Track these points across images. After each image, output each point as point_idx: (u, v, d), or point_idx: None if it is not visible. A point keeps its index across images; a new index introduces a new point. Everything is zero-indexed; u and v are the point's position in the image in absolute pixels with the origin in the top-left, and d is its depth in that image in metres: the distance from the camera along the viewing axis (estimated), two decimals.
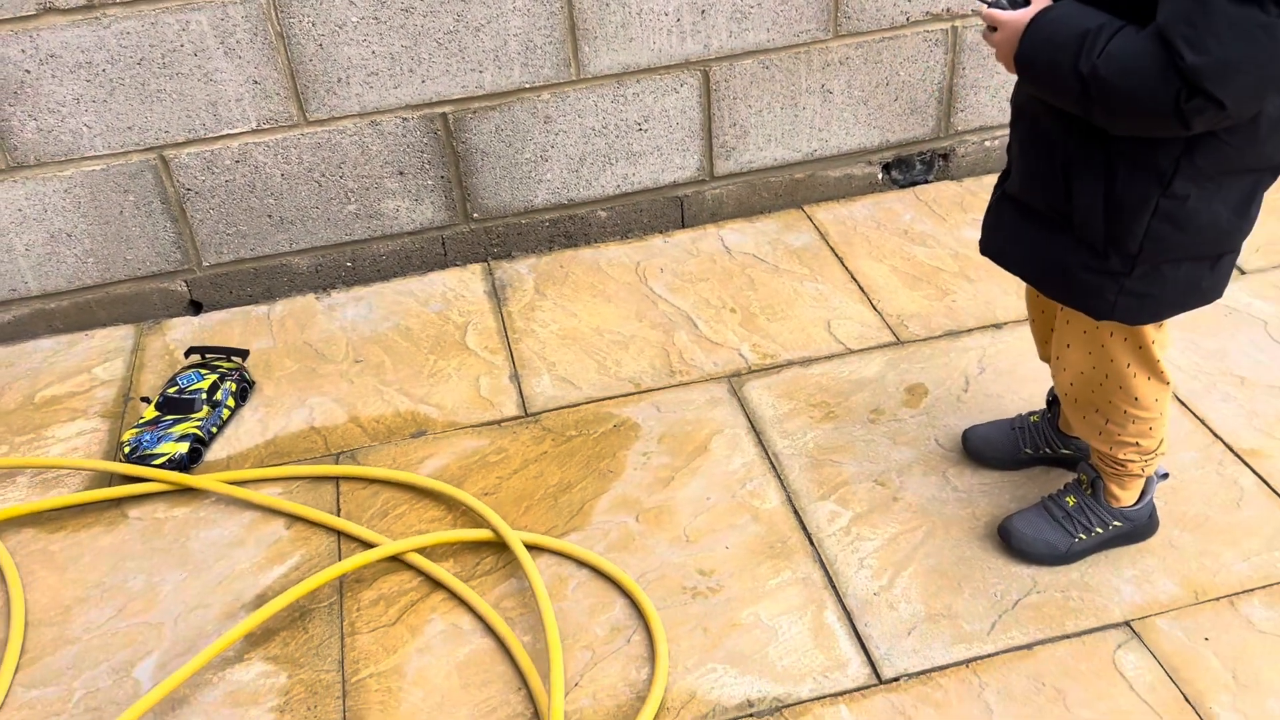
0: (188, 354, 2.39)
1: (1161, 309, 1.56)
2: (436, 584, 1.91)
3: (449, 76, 2.44)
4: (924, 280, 2.54)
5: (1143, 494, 1.82)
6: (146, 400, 2.30)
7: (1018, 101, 1.59)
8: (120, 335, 2.57)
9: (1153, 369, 1.65)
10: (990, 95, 2.77)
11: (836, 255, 2.65)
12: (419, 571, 1.93)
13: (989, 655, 1.71)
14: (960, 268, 2.56)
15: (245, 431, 2.26)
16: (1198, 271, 1.53)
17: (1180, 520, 1.90)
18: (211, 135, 2.40)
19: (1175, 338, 2.30)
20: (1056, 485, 1.90)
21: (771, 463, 2.09)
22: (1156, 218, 1.45)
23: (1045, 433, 1.98)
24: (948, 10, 2.61)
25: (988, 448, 2.03)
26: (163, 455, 2.14)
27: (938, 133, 2.80)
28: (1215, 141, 1.38)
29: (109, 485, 2.14)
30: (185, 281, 2.59)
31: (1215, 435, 2.07)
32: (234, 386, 2.29)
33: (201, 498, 2.11)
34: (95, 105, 2.31)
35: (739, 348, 2.39)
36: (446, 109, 2.48)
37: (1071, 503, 1.83)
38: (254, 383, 2.37)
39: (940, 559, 1.87)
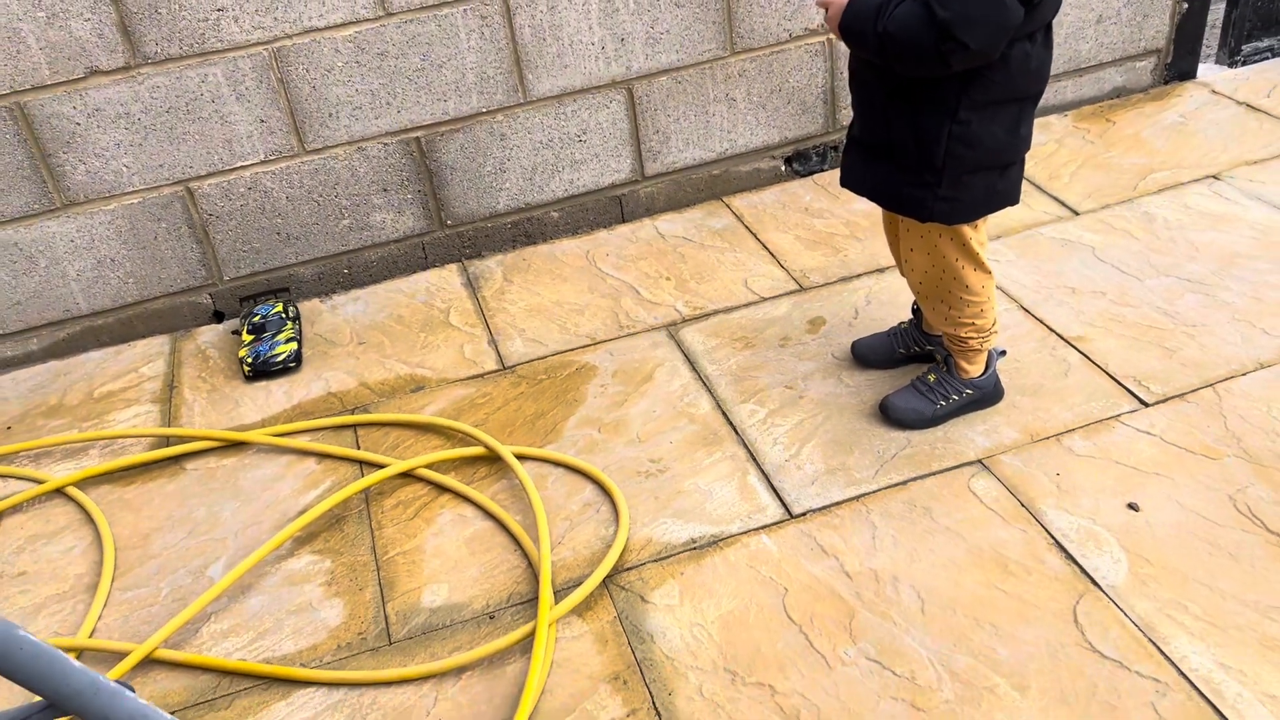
0: (242, 302, 3.04)
1: (969, 210, 2.10)
2: (443, 490, 2.39)
3: (420, 106, 2.98)
4: (822, 243, 3.09)
5: (986, 367, 2.35)
6: (236, 333, 2.93)
7: (853, 67, 2.15)
8: (158, 343, 3.06)
9: (976, 262, 2.19)
10: None
11: (751, 231, 3.20)
12: (429, 483, 2.42)
13: (874, 492, 2.22)
14: (850, 231, 3.12)
15: (274, 401, 2.75)
16: (990, 179, 2.07)
17: (1021, 389, 2.43)
18: (228, 168, 2.92)
19: (1023, 265, 2.86)
20: None
21: (704, 382, 2.61)
22: (951, 140, 2.00)
23: (912, 334, 2.51)
24: (822, 26, 3.20)
25: (870, 352, 2.56)
26: (282, 353, 2.79)
27: (827, 128, 3.38)
28: (982, 79, 1.94)
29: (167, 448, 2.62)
30: (210, 294, 3.09)
31: (1050, 329, 2.61)
32: (292, 310, 2.98)
33: (244, 450, 2.59)
34: (132, 148, 2.83)
35: (674, 304, 2.91)
36: (419, 133, 3.02)
37: (933, 379, 2.36)
38: (298, 306, 3.06)
39: (836, 434, 2.39)
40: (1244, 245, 2.82)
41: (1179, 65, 3.66)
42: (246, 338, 2.89)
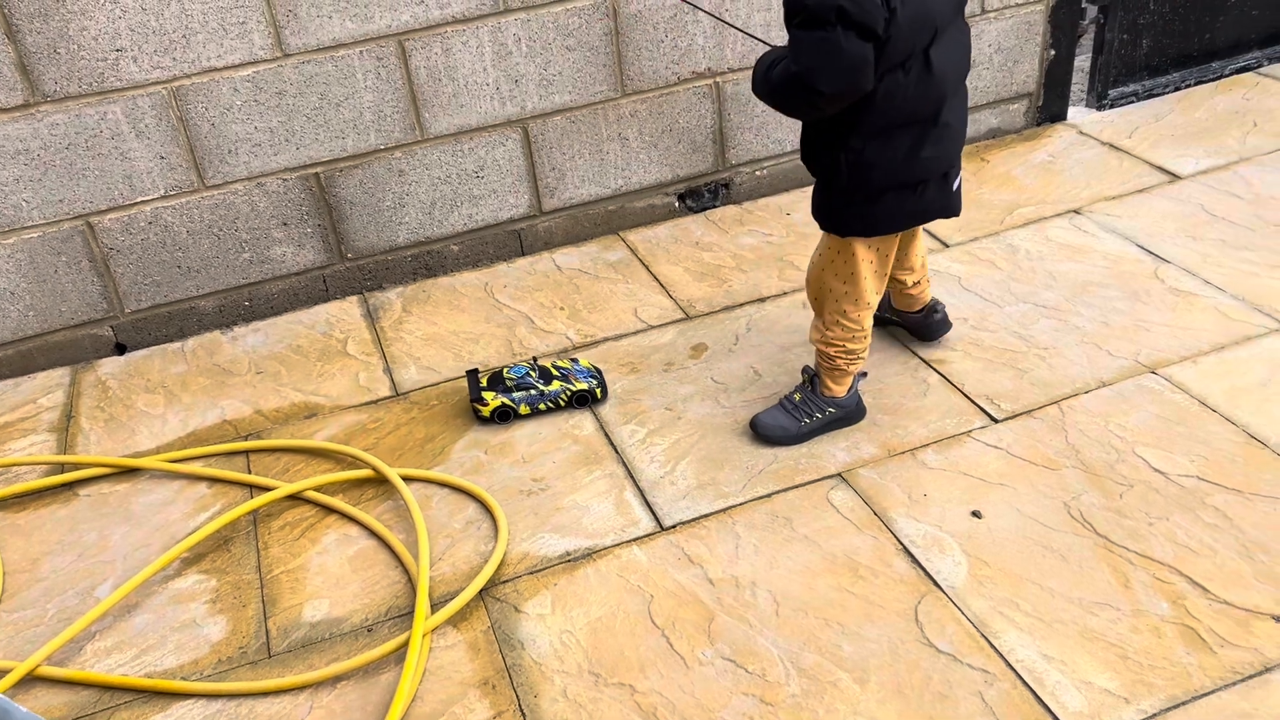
0: (471, 373, 2.77)
1: (882, 224, 2.27)
2: (330, 511, 2.47)
3: (318, 143, 3.08)
4: (709, 275, 3.24)
5: (850, 388, 2.50)
6: (485, 399, 2.67)
7: None
8: (59, 375, 3.10)
9: (859, 291, 2.34)
10: (754, 135, 3.53)
11: (644, 264, 3.34)
12: (316, 504, 2.49)
13: (740, 504, 2.35)
14: (737, 264, 3.27)
15: (169, 429, 2.81)
16: (902, 196, 2.23)
17: (883, 408, 2.58)
18: (128, 202, 2.99)
19: None
20: None
21: None
22: (848, 165, 2.18)
23: None
24: (709, 69, 3.37)
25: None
26: (593, 375, 2.71)
27: (717, 166, 3.54)
28: (866, 112, 2.10)
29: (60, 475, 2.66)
30: (111, 327, 3.14)
31: (914, 353, 2.77)
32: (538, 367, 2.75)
33: (138, 476, 2.65)
34: (32, 184, 2.89)
35: (566, 333, 3.03)
36: (318, 169, 3.12)
37: (798, 398, 2.50)
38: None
39: (709, 451, 2.51)
40: (1097, 274, 3.01)
41: (1050, 108, 3.90)
42: (523, 409, 2.68)
